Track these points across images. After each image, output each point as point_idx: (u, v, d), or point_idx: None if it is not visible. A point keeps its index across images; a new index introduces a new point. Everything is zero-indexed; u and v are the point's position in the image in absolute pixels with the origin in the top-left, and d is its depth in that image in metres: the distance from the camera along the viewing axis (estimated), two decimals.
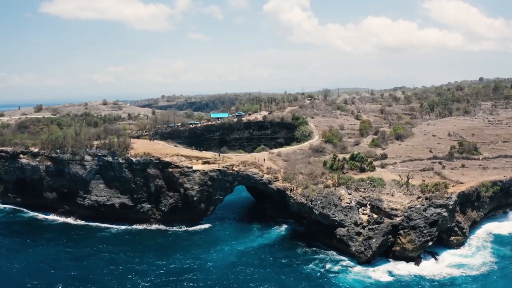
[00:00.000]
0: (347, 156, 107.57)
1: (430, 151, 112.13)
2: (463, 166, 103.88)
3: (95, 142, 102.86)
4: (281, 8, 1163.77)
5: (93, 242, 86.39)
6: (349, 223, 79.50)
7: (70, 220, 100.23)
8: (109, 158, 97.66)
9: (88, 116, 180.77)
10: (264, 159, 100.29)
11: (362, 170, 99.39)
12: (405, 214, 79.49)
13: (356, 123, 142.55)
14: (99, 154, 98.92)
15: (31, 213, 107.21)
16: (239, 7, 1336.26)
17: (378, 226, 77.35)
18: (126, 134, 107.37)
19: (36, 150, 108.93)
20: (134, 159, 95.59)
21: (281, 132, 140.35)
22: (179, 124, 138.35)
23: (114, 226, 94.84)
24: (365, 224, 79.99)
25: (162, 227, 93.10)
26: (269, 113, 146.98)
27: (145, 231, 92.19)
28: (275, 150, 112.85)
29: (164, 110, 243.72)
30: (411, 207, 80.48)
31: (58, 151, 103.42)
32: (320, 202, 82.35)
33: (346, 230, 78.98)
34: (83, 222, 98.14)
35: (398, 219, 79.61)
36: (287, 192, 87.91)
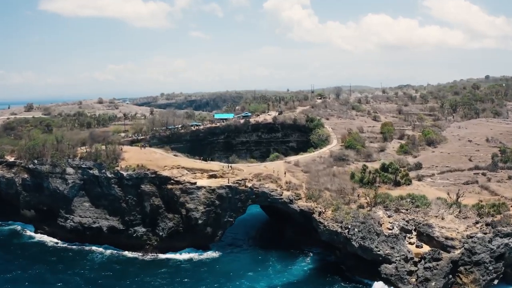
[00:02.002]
0: (375, 165, 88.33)
1: (470, 160, 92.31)
2: (510, 178, 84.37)
3: (80, 151, 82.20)
4: (281, 6, 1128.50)
5: (73, 273, 66.79)
6: (397, 258, 59.76)
7: (50, 239, 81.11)
8: (95, 171, 77.02)
9: (81, 116, 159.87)
10: (284, 173, 79.69)
11: (397, 184, 79.99)
12: (465, 245, 60.16)
13: (375, 124, 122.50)
14: (83, 166, 78.26)
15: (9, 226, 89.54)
16: (239, 5, 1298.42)
17: (437, 265, 57.69)
18: (116, 141, 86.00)
19: (12, 159, 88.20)
20: (125, 173, 74.87)
21: (293, 135, 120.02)
22: (179, 126, 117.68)
23: (100, 250, 75.30)
24: (416, 258, 60.56)
25: (161, 255, 73.00)
26: (279, 114, 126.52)
27: (138, 260, 72.15)
28: (292, 159, 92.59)
29: (163, 108, 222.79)
30: (471, 236, 61.21)
31: (35, 161, 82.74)
32: (358, 230, 62.48)
33: (394, 268, 59.27)
34: (64, 244, 78.75)
35: (457, 252, 60.26)
36: (314, 215, 67.82)
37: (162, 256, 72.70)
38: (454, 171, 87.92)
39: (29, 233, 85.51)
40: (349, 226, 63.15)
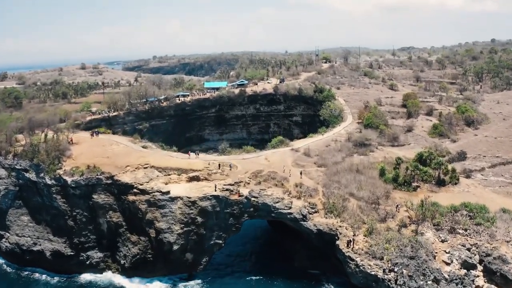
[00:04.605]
0: (406, 152, 64.53)
1: None
2: None
3: (17, 144, 56.58)
4: None
5: None
6: None
7: None
8: (32, 175, 51.89)
9: (57, 85, 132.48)
10: (300, 173, 54.37)
11: (440, 183, 56.09)
12: None
13: (393, 95, 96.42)
14: (18, 167, 53.03)
15: None
16: None
17: None
18: (63, 127, 59.40)
19: None
20: (69, 179, 49.56)
21: (297, 107, 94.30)
22: (162, 97, 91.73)
23: (45, 277, 51.64)
24: None
25: (120, 279, 49.70)
26: (280, 82, 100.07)
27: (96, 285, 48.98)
28: (300, 144, 67.49)
29: (154, 73, 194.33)
30: None
31: None
32: (409, 275, 38.74)
33: None
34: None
35: None
36: (339, 243, 43.77)
37: (121, 281, 49.22)
38: (507, 163, 63.62)
39: None
40: (395, 268, 39.29)
